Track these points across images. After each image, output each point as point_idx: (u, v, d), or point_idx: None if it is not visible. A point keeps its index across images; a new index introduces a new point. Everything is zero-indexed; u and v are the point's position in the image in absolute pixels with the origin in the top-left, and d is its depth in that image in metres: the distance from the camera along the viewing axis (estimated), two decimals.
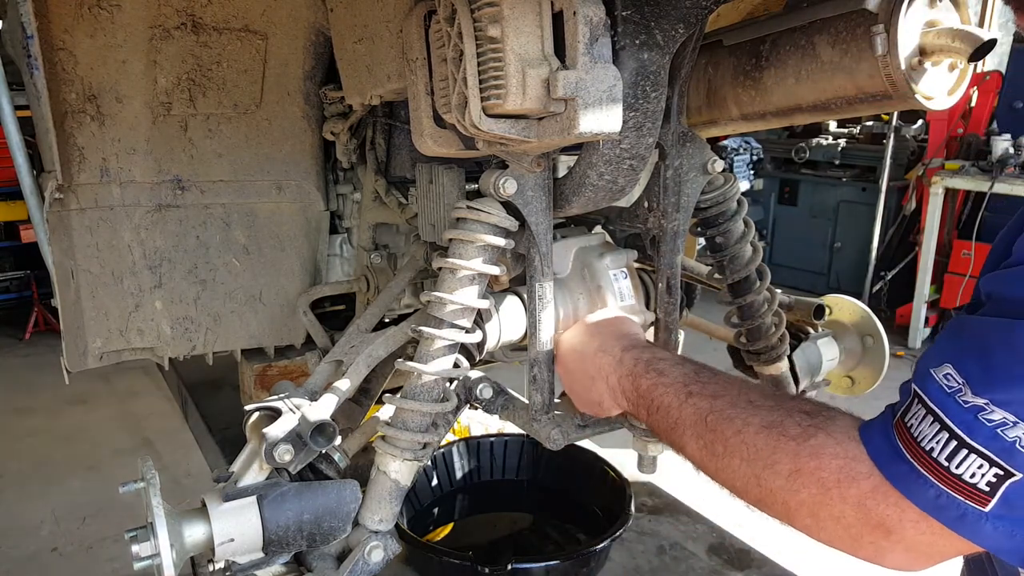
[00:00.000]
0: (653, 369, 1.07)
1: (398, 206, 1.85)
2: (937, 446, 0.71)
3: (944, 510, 0.71)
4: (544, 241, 1.23)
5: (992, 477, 0.68)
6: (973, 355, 0.72)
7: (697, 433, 0.95)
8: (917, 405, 0.74)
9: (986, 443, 0.68)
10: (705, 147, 1.34)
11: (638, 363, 1.10)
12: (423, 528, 2.33)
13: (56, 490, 4.01)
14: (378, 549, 1.20)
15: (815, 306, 1.77)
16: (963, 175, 5.49)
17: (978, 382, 0.70)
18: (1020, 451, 0.67)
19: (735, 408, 0.92)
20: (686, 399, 0.98)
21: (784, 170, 7.26)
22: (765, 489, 0.85)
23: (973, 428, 0.69)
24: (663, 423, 1.02)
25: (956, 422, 0.70)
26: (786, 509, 0.84)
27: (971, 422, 0.69)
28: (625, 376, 1.10)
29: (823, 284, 6.87)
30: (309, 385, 1.35)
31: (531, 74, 0.99)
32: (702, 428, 0.94)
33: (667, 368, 1.06)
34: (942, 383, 0.72)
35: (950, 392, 0.71)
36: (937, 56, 1.17)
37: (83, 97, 1.69)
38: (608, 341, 1.19)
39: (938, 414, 0.72)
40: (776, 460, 0.84)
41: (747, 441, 0.87)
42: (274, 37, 1.76)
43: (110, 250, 1.85)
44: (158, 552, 1.00)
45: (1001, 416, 0.67)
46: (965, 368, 0.71)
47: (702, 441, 0.94)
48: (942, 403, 0.72)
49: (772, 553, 2.15)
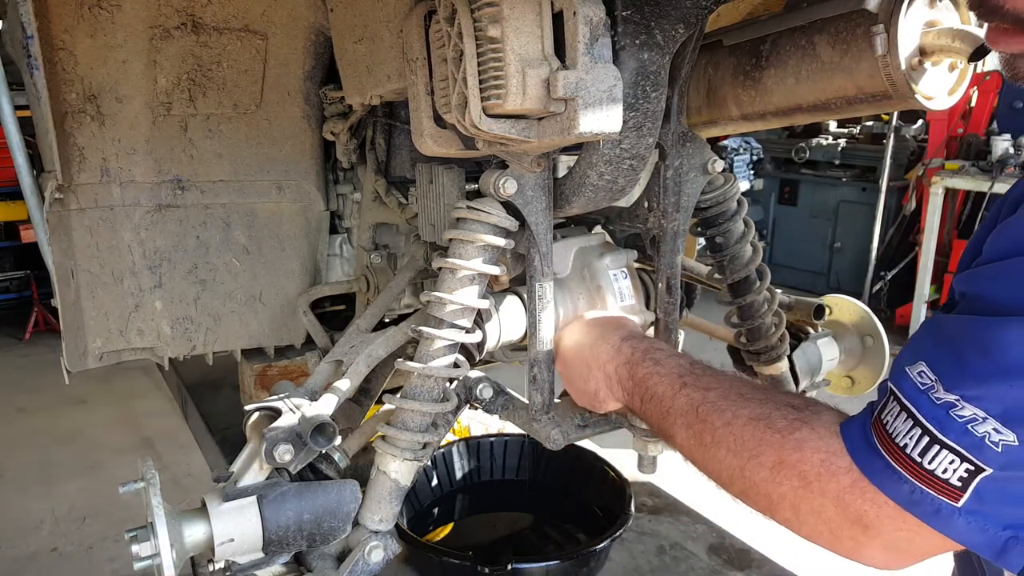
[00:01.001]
0: (650, 358, 1.08)
1: (398, 206, 1.85)
2: (911, 442, 0.72)
3: (918, 505, 0.72)
4: (544, 241, 1.23)
5: (964, 472, 0.69)
6: (945, 353, 0.73)
7: (687, 423, 0.96)
8: (892, 402, 0.75)
9: (957, 439, 0.69)
10: (705, 147, 1.34)
11: (635, 351, 1.11)
12: (423, 528, 2.33)
13: (56, 490, 4.01)
14: (378, 549, 1.20)
15: (815, 306, 1.77)
16: (963, 175, 5.49)
17: (950, 379, 0.71)
18: (990, 446, 0.67)
19: (726, 400, 0.93)
20: (680, 389, 0.99)
21: (784, 170, 7.26)
22: (749, 480, 0.86)
23: (944, 424, 0.70)
24: (655, 412, 1.03)
25: (928, 418, 0.71)
26: (768, 501, 0.85)
27: (942, 418, 0.70)
28: (622, 364, 1.12)
29: (823, 284, 6.87)
30: (309, 385, 1.35)
31: (531, 74, 0.99)
32: (692, 418, 0.95)
33: (663, 358, 1.07)
34: (916, 380, 0.73)
35: (923, 389, 0.72)
36: (937, 56, 1.17)
37: (83, 97, 1.69)
38: (607, 331, 1.20)
39: (911, 410, 0.73)
40: (760, 452, 0.85)
41: (734, 432, 0.89)
42: (274, 37, 1.76)
43: (110, 250, 1.85)
44: (158, 552, 1.00)
45: (971, 412, 0.68)
46: (938, 365, 0.72)
47: (691, 431, 0.95)
48: (915, 400, 0.73)
49: (772, 553, 2.15)
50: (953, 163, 5.67)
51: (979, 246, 0.80)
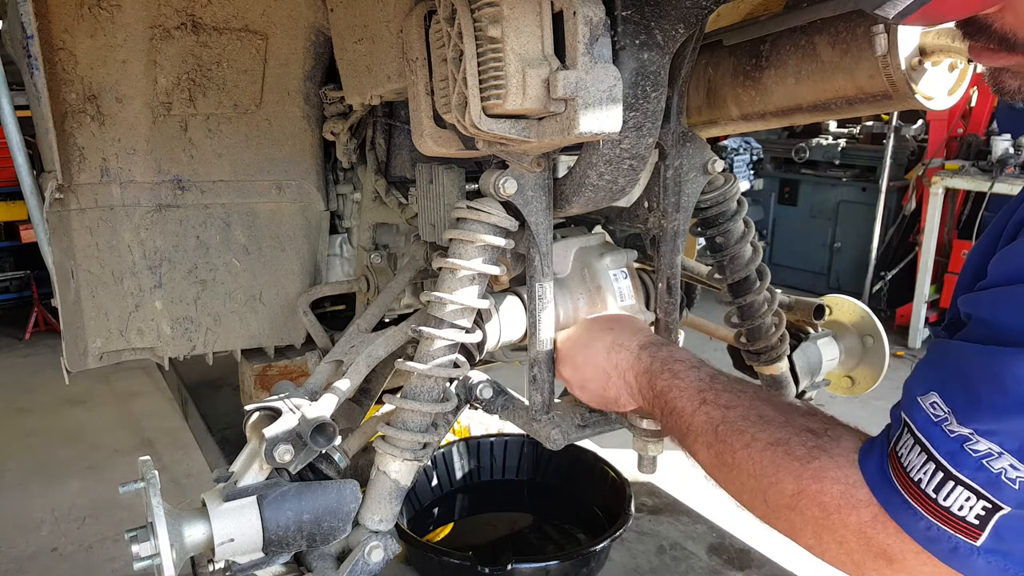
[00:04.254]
0: (668, 370, 1.07)
1: (398, 206, 1.85)
2: (925, 477, 0.70)
3: (936, 543, 0.70)
4: (544, 241, 1.23)
5: (980, 510, 0.67)
6: (957, 383, 0.71)
7: (708, 442, 0.95)
8: (907, 434, 0.74)
9: (972, 475, 0.67)
10: (705, 147, 1.34)
11: (654, 361, 1.10)
12: (423, 528, 2.32)
13: (56, 490, 4.02)
14: (378, 549, 1.20)
15: (815, 306, 1.77)
16: (963, 175, 5.50)
17: (963, 411, 0.69)
18: (1007, 483, 0.65)
19: (745, 420, 0.92)
20: (699, 406, 0.98)
21: (784, 170, 7.26)
22: (770, 506, 0.85)
23: (958, 459, 0.68)
24: (677, 427, 1.02)
25: (942, 452, 0.69)
26: (791, 528, 0.84)
27: (956, 452, 0.68)
28: (642, 374, 1.11)
29: (823, 284, 6.88)
30: (309, 385, 1.35)
31: (531, 74, 0.99)
32: (712, 438, 0.94)
33: (682, 371, 1.05)
34: (928, 411, 0.71)
35: (936, 421, 0.70)
36: (937, 56, 1.17)
37: (83, 97, 1.69)
38: (623, 336, 1.18)
39: (925, 444, 0.71)
40: (780, 479, 0.83)
41: (754, 456, 0.87)
42: (274, 37, 1.76)
43: (110, 250, 1.85)
44: (158, 552, 1.00)
45: (986, 447, 0.66)
46: (950, 397, 0.70)
47: (712, 451, 0.94)
48: (928, 432, 0.71)
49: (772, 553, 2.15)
50: (953, 163, 5.67)
51: (979, 259, 0.79)
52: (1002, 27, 0.69)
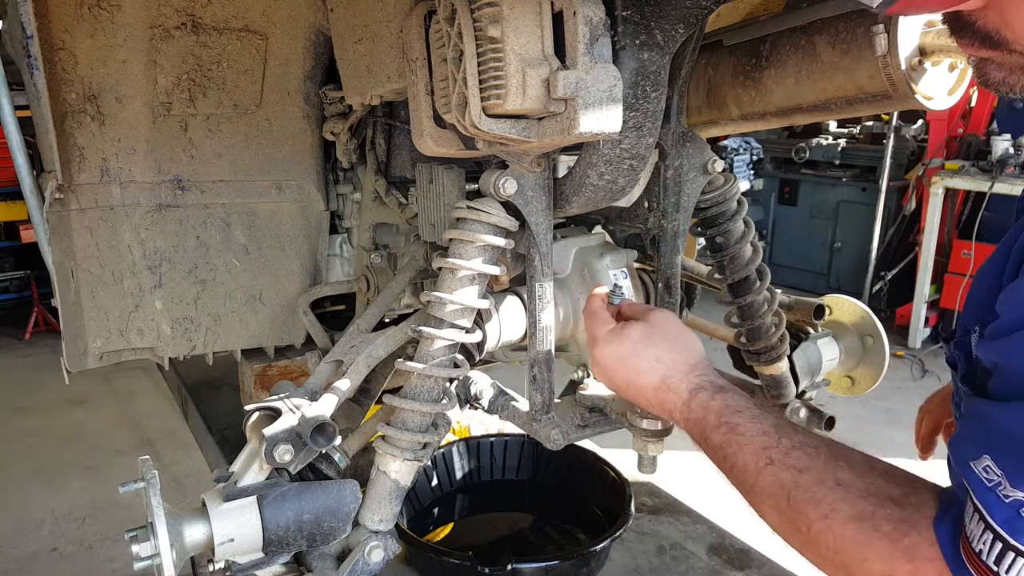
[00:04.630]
0: (725, 424, 0.98)
1: (398, 206, 1.85)
2: (985, 547, 0.68)
3: None
4: (544, 241, 1.23)
5: None
6: (1005, 445, 0.69)
7: (778, 508, 0.89)
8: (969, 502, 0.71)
9: None
10: (705, 147, 1.34)
11: (708, 413, 1.01)
12: (423, 528, 2.33)
13: (56, 490, 4.02)
14: (378, 549, 1.20)
15: (815, 306, 1.77)
16: (963, 175, 5.50)
17: (1015, 474, 0.67)
18: None
19: (822, 487, 0.85)
20: (765, 466, 0.91)
21: (784, 170, 7.26)
22: None
23: (1016, 527, 0.66)
24: (738, 482, 0.96)
25: (998, 520, 0.67)
26: None
27: (1013, 520, 0.66)
28: (693, 422, 1.03)
29: (823, 284, 6.88)
30: (309, 385, 1.35)
31: (531, 74, 0.99)
32: (784, 504, 0.88)
33: (741, 424, 0.97)
34: (982, 476, 0.69)
35: (991, 486, 0.68)
36: (937, 56, 1.17)
37: (83, 97, 1.69)
38: (673, 372, 1.07)
39: (982, 512, 0.69)
40: (867, 557, 0.79)
41: (835, 530, 0.82)
42: (274, 37, 1.76)
43: (110, 250, 1.85)
44: (158, 552, 1.00)
45: None
46: (1002, 460, 0.68)
47: (784, 517, 0.88)
48: (984, 499, 0.69)
49: (772, 553, 2.15)
50: (953, 163, 5.68)
51: (993, 280, 0.77)
52: (984, 25, 0.70)
